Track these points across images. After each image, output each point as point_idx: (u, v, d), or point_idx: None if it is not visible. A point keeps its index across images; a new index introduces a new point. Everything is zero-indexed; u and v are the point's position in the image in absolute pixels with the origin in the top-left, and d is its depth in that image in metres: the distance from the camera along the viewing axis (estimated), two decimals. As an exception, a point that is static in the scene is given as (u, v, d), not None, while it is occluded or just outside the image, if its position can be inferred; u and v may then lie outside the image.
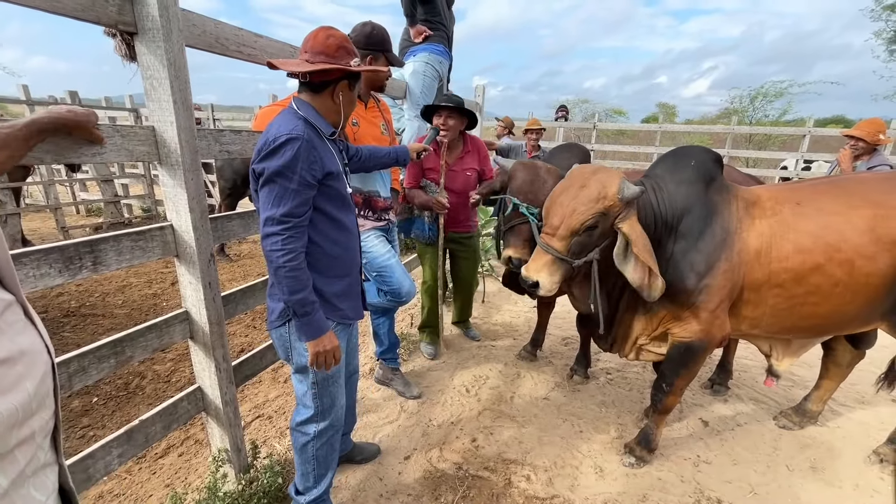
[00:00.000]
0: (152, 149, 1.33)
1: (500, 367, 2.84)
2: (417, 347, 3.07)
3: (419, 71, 3.11)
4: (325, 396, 1.44)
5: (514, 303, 3.98)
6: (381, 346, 2.52)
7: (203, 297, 1.47)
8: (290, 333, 1.35)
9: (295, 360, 1.39)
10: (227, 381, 1.62)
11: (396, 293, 2.07)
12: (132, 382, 2.76)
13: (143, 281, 4.52)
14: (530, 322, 3.55)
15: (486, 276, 4.59)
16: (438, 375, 2.74)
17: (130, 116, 7.10)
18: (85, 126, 1.10)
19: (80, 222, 6.86)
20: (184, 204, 1.38)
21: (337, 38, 1.28)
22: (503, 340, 3.24)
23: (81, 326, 3.52)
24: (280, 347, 1.40)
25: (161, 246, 1.40)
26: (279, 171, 1.17)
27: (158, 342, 1.43)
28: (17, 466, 0.57)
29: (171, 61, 1.26)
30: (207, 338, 1.52)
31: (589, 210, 1.61)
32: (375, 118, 2.07)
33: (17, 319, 0.60)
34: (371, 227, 2.06)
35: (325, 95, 1.31)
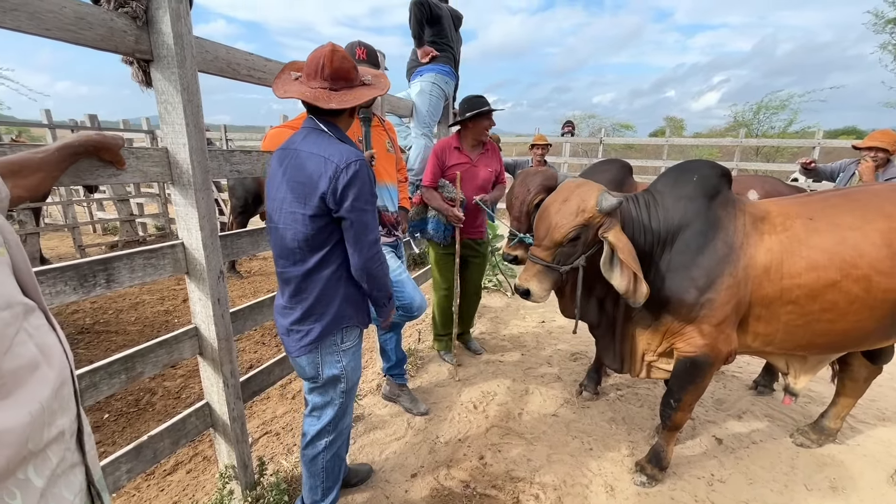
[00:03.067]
0: (165, 169, 1.37)
1: (507, 383, 2.81)
2: (425, 363, 3.06)
3: (426, 90, 3.18)
4: (349, 403, 1.53)
5: (521, 318, 3.96)
6: (389, 362, 2.52)
7: (212, 314, 1.50)
8: (321, 354, 1.40)
9: (325, 374, 1.43)
10: (235, 397, 1.63)
11: (408, 308, 2.08)
12: (142, 399, 2.78)
13: (156, 298, 4.59)
14: (538, 337, 3.52)
15: (493, 291, 4.59)
16: (446, 392, 2.72)
17: (147, 138, 7.31)
18: (113, 149, 1.17)
19: (97, 241, 7.03)
20: (195, 222, 1.42)
21: (348, 59, 1.29)
22: (511, 356, 3.21)
23: (95, 343, 3.57)
24: (307, 367, 1.42)
25: (172, 263, 1.43)
26: (367, 197, 1.25)
27: (168, 358, 1.46)
28: (50, 465, 0.60)
29: (184, 86, 1.31)
30: (216, 354, 1.54)
31: (570, 223, 1.71)
32: (381, 136, 2.11)
33: (41, 324, 0.64)
34: (381, 242, 2.09)
35: (346, 116, 1.35)
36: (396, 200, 2.18)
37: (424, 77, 3.19)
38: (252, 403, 2.68)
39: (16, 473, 0.55)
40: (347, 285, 1.38)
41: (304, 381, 1.50)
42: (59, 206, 6.57)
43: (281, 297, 1.41)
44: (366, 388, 2.73)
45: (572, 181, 1.84)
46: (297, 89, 1.28)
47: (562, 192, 1.79)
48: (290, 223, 1.29)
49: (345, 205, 1.23)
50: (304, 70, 1.31)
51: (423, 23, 3.11)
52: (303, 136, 1.31)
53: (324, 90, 1.27)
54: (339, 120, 1.34)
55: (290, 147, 1.32)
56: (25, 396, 0.57)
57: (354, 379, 1.51)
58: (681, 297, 1.72)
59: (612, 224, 1.71)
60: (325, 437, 1.51)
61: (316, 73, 1.27)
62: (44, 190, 1.01)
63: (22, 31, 1.04)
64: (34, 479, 0.58)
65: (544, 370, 3.01)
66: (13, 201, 0.86)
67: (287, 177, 1.28)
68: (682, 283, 1.72)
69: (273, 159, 1.35)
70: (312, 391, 1.48)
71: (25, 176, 0.94)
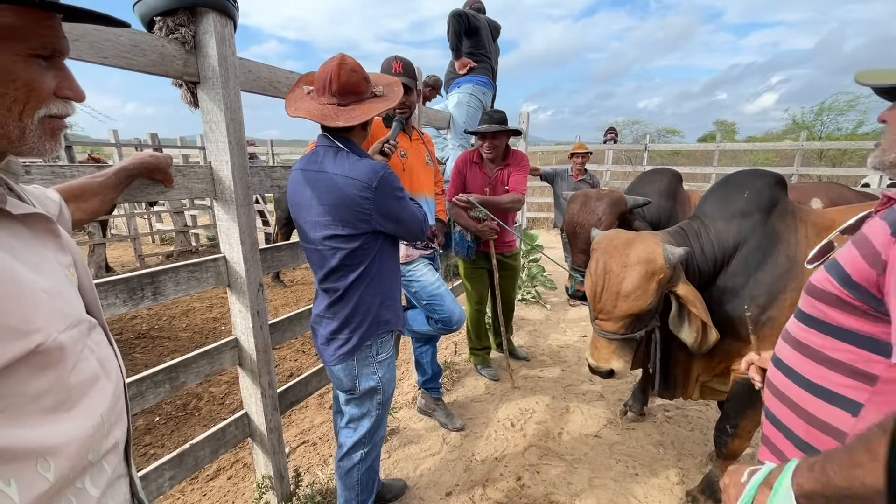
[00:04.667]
0: (209, 186, 1.43)
1: (547, 401, 2.72)
2: (461, 377, 3.02)
3: (463, 102, 3.18)
4: (385, 415, 1.52)
5: (562, 331, 3.84)
6: (424, 376, 2.50)
7: (251, 325, 1.53)
8: (357, 364, 1.40)
9: (362, 386, 1.43)
10: (272, 408, 1.66)
11: (447, 321, 2.07)
12: (190, 403, 2.90)
13: (206, 305, 4.83)
14: (580, 352, 3.39)
15: (531, 303, 4.49)
16: (482, 407, 2.67)
17: (201, 154, 7.77)
18: (164, 169, 1.24)
19: (155, 250, 7.50)
20: (236, 237, 1.46)
21: (358, 72, 1.25)
22: (550, 371, 3.11)
23: (150, 348, 3.78)
24: (344, 378, 1.42)
25: (214, 276, 1.48)
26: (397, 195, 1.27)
27: (209, 368, 1.50)
28: (105, 476, 0.63)
29: (227, 106, 1.37)
30: (254, 365, 1.58)
31: (646, 291, 1.51)
32: (420, 149, 2.12)
33: (101, 339, 0.67)
34: (419, 255, 2.09)
35: (359, 130, 1.32)
36: (434, 213, 2.17)
37: (462, 88, 3.20)
38: (291, 412, 2.73)
39: (74, 482, 0.57)
40: (385, 292, 1.39)
41: (339, 392, 1.50)
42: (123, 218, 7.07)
43: (318, 306, 1.41)
44: (401, 401, 2.72)
45: (614, 236, 1.63)
46: (306, 107, 1.26)
47: (615, 254, 1.58)
48: (329, 244, 1.29)
49: (391, 215, 1.28)
50: (314, 84, 1.28)
51: (461, 34, 3.12)
52: (321, 154, 1.29)
53: (332, 106, 1.24)
54: (353, 135, 1.32)
55: (311, 169, 1.29)
56: (88, 409, 0.60)
57: (390, 391, 1.51)
58: (740, 318, 1.59)
59: (678, 275, 1.55)
60: (360, 449, 1.51)
61: (324, 88, 1.24)
62: (102, 212, 1.08)
63: (83, 60, 1.11)
64: (90, 488, 0.60)
65: (586, 387, 2.89)
66: (75, 223, 0.92)
67: (318, 200, 1.26)
68: (741, 303, 1.59)
69: (293, 180, 1.33)
70: (349, 402, 1.49)
71: (86, 199, 1.01)
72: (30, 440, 0.52)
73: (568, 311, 4.38)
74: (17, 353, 0.50)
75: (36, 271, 0.56)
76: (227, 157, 1.40)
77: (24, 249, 0.56)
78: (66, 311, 0.59)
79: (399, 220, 1.32)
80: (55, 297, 0.57)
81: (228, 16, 1.33)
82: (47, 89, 0.56)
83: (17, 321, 0.50)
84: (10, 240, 0.55)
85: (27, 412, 0.52)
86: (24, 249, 0.56)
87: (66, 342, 0.56)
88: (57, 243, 0.63)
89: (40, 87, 0.55)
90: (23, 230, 0.58)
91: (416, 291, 2.07)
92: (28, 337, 0.51)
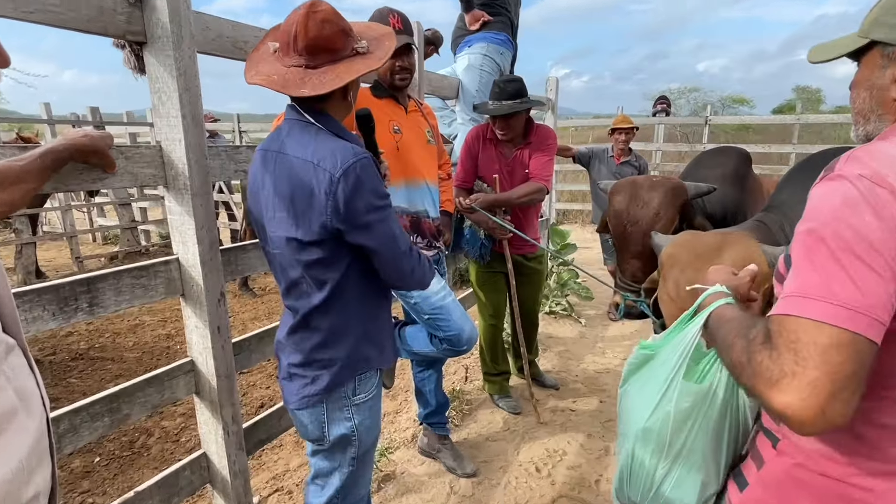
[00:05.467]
0: (159, 171, 1.44)
1: (581, 440, 2.70)
2: (473, 409, 3.02)
3: (475, 65, 3.18)
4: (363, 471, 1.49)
5: (600, 352, 3.82)
6: (427, 408, 2.50)
7: (211, 345, 1.54)
8: (327, 408, 1.35)
9: (331, 435, 1.37)
10: (237, 447, 1.66)
11: (456, 340, 2.04)
12: (137, 440, 2.93)
13: (157, 319, 4.88)
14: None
15: (560, 317, 4.47)
16: (500, 447, 2.66)
17: (151, 131, 7.86)
18: (102, 151, 1.24)
19: (96, 251, 7.61)
20: (191, 234, 1.47)
21: (332, 23, 1.15)
22: (586, 402, 3.09)
23: (89, 372, 3.83)
24: (310, 424, 1.37)
25: (165, 283, 1.49)
26: (378, 205, 1.20)
27: (159, 398, 1.50)
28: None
29: (180, 71, 1.37)
30: (215, 393, 1.58)
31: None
32: (419, 123, 2.11)
33: (20, 364, 0.67)
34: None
35: (337, 98, 1.23)
36: (438, 204, 2.17)
37: (474, 48, 3.19)
38: (260, 452, 2.75)
39: None
40: (367, 319, 1.34)
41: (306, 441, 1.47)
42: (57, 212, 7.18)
43: (282, 328, 1.37)
44: (398, 440, 2.72)
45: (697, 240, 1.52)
46: (267, 70, 1.18)
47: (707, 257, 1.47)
48: (286, 250, 1.23)
49: (359, 222, 1.17)
50: (279, 40, 1.20)
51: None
52: (286, 131, 1.23)
53: (298, 69, 1.16)
54: (329, 106, 1.23)
55: (271, 148, 1.24)
56: (3, 451, 0.59)
57: (369, 441, 1.44)
58: None
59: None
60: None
61: (289, 45, 1.16)
62: (23, 204, 1.08)
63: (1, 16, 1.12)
64: None
65: (630, 423, 2.87)
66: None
67: (275, 189, 1.21)
68: None
69: (253, 163, 1.30)
70: (316, 454, 1.44)
71: (4, 188, 1.01)
72: None
73: (608, 328, 4.35)
74: None
75: None
76: (181, 136, 1.40)
77: None
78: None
79: (374, 237, 1.21)
80: None
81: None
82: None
83: None
84: None
85: None
86: None
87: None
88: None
89: None
90: None
91: (415, 303, 2.06)
92: None
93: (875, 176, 0.68)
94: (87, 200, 7.50)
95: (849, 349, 0.65)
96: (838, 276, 0.67)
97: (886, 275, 0.65)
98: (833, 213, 0.69)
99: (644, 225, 1.94)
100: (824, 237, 0.69)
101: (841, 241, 0.67)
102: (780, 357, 0.68)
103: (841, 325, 0.65)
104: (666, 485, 1.00)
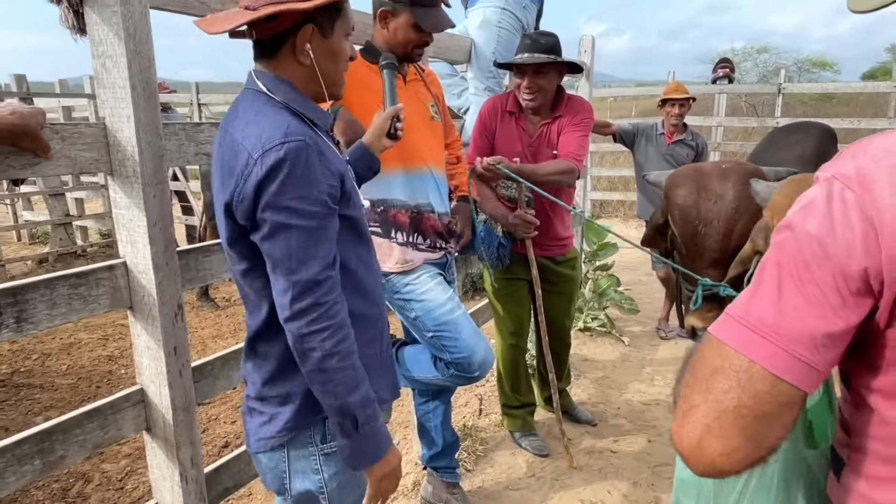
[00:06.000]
0: (102, 155, 1.44)
1: (625, 489, 2.71)
2: (490, 449, 3.02)
3: (492, 20, 3.19)
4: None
5: (648, 379, 3.82)
6: (432, 448, 2.51)
7: (165, 370, 1.55)
8: (288, 458, 1.32)
9: (295, 489, 1.35)
10: (197, 497, 1.67)
11: (466, 364, 2.05)
12: (72, 488, 2.95)
13: (96, 337, 4.91)
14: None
15: (598, 335, 4.47)
16: (524, 497, 2.67)
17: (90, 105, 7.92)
18: (34, 132, 1.24)
19: (21, 253, 7.68)
20: (142, 232, 1.48)
21: None
22: (630, 442, 3.10)
23: (13, 403, 3.86)
24: (269, 473, 1.37)
25: (109, 294, 1.49)
26: (291, 205, 1.12)
27: (101, 435, 1.51)
28: None
29: (129, 32, 1.38)
30: (170, 430, 1.59)
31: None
32: (420, 94, 2.12)
33: None
34: (423, 259, 2.09)
35: (287, 56, 1.23)
36: (446, 195, 2.18)
37: (490, 1, 3.20)
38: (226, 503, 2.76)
39: None
40: None
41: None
42: (-26, 204, 7.25)
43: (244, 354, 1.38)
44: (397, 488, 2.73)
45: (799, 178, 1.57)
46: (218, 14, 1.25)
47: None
48: (229, 247, 1.26)
49: (260, 217, 1.14)
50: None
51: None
52: (239, 102, 1.27)
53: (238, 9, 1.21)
54: (283, 69, 1.25)
55: (223, 124, 1.28)
56: None
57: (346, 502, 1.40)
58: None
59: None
60: None
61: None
62: None
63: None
64: None
65: (686, 469, 2.86)
66: None
67: (215, 177, 1.24)
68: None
69: (216, 142, 1.32)
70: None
71: None
72: None
73: (657, 348, 4.36)
74: None
75: None
76: (130, 111, 1.41)
77: None
78: None
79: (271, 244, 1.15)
80: None
81: None
82: None
83: None
84: None
85: None
86: None
87: None
88: None
89: None
90: None
91: (417, 317, 2.06)
92: None
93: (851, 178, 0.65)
94: (11, 190, 7.57)
95: (737, 378, 0.65)
96: (762, 293, 0.68)
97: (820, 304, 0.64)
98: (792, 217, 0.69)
99: (721, 224, 1.92)
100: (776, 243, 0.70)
101: (781, 254, 0.68)
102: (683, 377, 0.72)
103: (738, 347, 0.66)
104: None
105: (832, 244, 0.63)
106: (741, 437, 0.65)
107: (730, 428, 0.65)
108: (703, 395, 0.67)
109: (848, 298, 0.63)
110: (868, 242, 0.61)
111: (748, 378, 0.65)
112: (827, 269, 0.63)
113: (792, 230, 0.67)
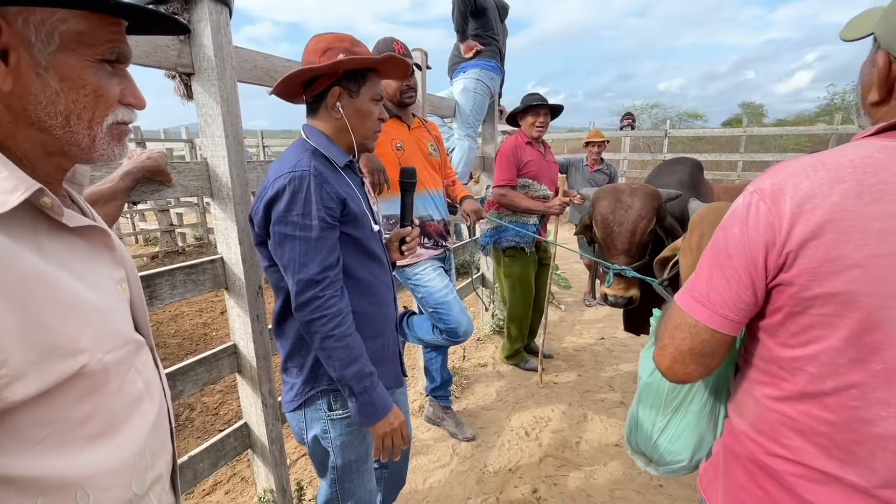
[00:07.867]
0: (205, 183, 1.46)
1: (563, 408, 2.75)
2: (471, 383, 3.06)
3: (469, 88, 3.19)
4: (349, 493, 1.31)
5: (577, 333, 3.86)
6: (433, 383, 2.54)
7: (251, 331, 1.57)
8: (305, 418, 1.25)
9: (310, 443, 1.28)
10: (274, 417, 1.69)
11: (453, 332, 2.08)
12: (182, 414, 2.95)
13: (195, 310, 4.88)
14: (597, 356, 3.42)
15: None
16: (494, 416, 2.70)
17: (186, 147, 7.82)
18: (164, 169, 1.28)
19: (139, 251, 7.57)
20: (234, 237, 1.49)
21: (325, 40, 1.15)
22: (566, 376, 3.14)
23: (138, 356, 3.84)
24: (294, 429, 1.29)
25: (212, 279, 1.51)
26: (293, 220, 1.06)
27: (208, 376, 1.54)
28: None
29: (223, 98, 1.39)
30: (254, 372, 1.61)
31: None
32: (423, 138, 2.13)
33: (148, 360, 0.69)
34: (427, 256, 2.10)
35: (324, 113, 1.18)
36: (442, 208, 2.18)
37: (468, 74, 3.21)
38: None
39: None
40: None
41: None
42: (104, 217, 7.15)
43: None
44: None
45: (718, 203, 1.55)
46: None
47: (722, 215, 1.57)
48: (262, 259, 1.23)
49: (271, 230, 1.09)
50: None
51: (467, 15, 3.13)
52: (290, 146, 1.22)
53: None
54: (318, 121, 1.19)
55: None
56: (130, 434, 0.61)
57: (349, 457, 1.26)
58: None
59: None
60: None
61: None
62: (116, 218, 1.15)
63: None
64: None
65: (605, 394, 2.91)
66: None
67: None
68: None
69: None
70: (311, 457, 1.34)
71: (101, 206, 1.07)
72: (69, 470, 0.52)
73: (584, 312, 4.40)
74: (62, 374, 0.51)
75: (89, 287, 0.57)
76: (224, 153, 1.43)
77: (80, 264, 0.57)
78: (115, 330, 0.60)
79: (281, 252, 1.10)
80: (105, 316, 0.58)
81: (223, 3, 1.36)
82: (114, 96, 0.57)
83: (66, 340, 0.51)
84: (67, 254, 0.56)
85: (68, 440, 0.53)
86: (79, 264, 0.57)
87: (111, 363, 0.57)
88: (112, 257, 0.64)
89: (108, 93, 0.56)
90: (79, 243, 0.58)
91: (422, 297, 2.09)
92: (74, 357, 0.52)
93: (766, 192, 0.66)
94: (130, 207, 7.47)
95: (689, 331, 0.74)
96: (702, 274, 0.74)
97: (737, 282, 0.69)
98: (724, 220, 0.72)
99: (629, 225, 1.96)
100: (713, 238, 0.74)
101: (715, 247, 0.73)
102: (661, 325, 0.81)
103: (689, 312, 0.74)
104: (663, 438, 1.01)
105: (746, 242, 0.67)
106: (694, 364, 0.75)
107: (687, 359, 0.75)
108: (671, 340, 0.77)
109: (755, 279, 0.68)
110: (768, 243, 0.65)
111: (696, 331, 0.73)
112: (741, 259, 0.68)
113: (723, 230, 0.72)
